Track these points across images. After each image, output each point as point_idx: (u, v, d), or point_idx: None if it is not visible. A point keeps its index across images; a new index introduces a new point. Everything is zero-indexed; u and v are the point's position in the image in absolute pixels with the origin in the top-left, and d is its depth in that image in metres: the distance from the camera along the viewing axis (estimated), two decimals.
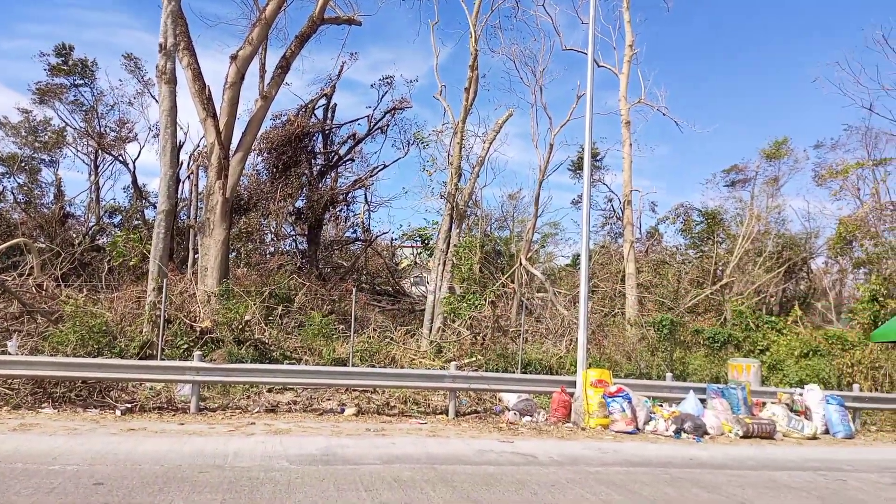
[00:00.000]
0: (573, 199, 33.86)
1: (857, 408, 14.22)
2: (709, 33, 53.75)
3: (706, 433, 12.04)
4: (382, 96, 22.48)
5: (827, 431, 13.23)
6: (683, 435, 11.85)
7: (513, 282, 21.83)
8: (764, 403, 13.47)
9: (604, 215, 32.69)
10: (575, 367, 13.28)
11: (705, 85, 54.37)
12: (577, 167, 30.62)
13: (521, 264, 21.85)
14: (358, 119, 22.87)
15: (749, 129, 53.22)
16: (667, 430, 12.01)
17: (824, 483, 8.84)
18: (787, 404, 13.30)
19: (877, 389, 16.55)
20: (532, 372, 14.93)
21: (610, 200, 31.82)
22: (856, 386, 15.49)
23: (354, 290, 14.65)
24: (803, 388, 14.20)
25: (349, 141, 22.66)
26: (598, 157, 31.00)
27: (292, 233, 22.60)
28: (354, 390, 12.98)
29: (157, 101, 15.69)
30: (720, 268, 25.96)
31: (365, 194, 23.35)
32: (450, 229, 17.42)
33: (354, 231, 24.30)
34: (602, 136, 50.87)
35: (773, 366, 17.36)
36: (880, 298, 19.75)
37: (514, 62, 24.05)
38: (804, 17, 52.81)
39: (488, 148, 18.93)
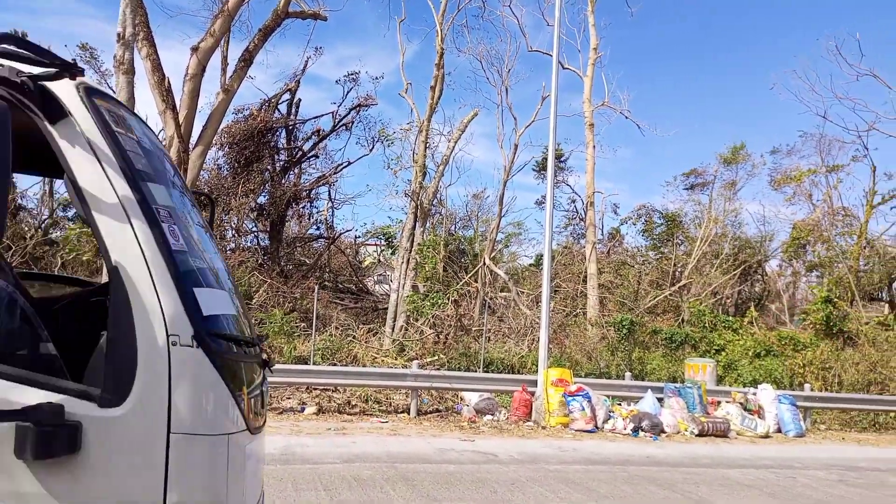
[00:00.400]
0: (537, 200, 34.13)
1: (807, 407, 14.64)
2: (672, 39, 54.75)
3: (663, 431, 12.26)
4: (347, 92, 22.32)
5: (779, 430, 13.59)
6: (641, 433, 12.04)
7: (476, 281, 21.90)
8: (719, 402, 13.78)
9: (567, 216, 33.01)
10: (536, 366, 13.39)
11: (667, 90, 55.41)
12: (541, 168, 30.85)
13: (484, 264, 21.92)
14: (322, 115, 22.65)
15: (709, 133, 54.38)
16: (625, 429, 12.19)
17: (776, 480, 9.08)
18: (741, 403, 13.62)
19: (827, 389, 17.07)
20: (494, 371, 15.00)
21: (573, 201, 32.16)
22: (807, 386, 15.96)
23: (317, 287, 14.50)
24: (757, 387, 14.57)
25: (313, 137, 22.41)
26: (561, 159, 31.29)
27: (254, 229, 22.27)
28: (315, 389, 12.85)
29: (114, 91, 15.27)
30: (679, 269, 26.42)
31: (329, 191, 23.13)
32: (414, 228, 17.38)
33: (318, 228, 24.05)
34: (566, 137, 51.41)
35: (729, 365, 17.78)
36: (833, 300, 20.39)
37: (480, 62, 24.19)
38: (764, 25, 54.21)
39: (453, 147, 18.95)
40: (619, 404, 13.35)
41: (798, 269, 29.99)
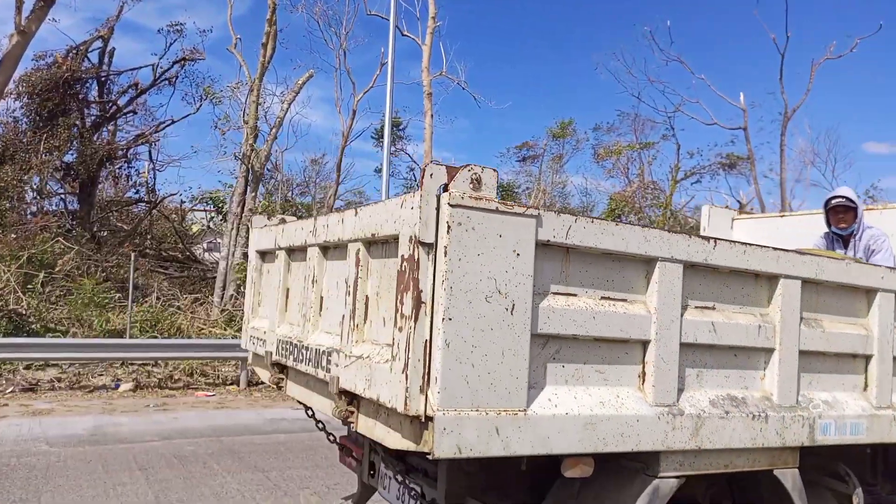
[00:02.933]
0: (376, 168, 34.05)
1: None
2: (507, 13, 56.69)
3: None
4: (171, 44, 20.49)
5: None
6: None
7: None
8: None
9: (406, 184, 33.32)
10: None
11: (502, 63, 57.44)
12: (379, 135, 30.72)
13: None
14: (141, 67, 20.65)
15: (540, 108, 57.34)
16: None
17: None
18: None
19: None
20: None
21: (412, 170, 32.50)
22: None
23: (133, 255, 13.33)
24: None
25: (130, 91, 20.40)
26: (400, 127, 31.38)
27: (60, 191, 19.95)
28: (132, 364, 11.89)
29: None
30: None
31: (150, 151, 21.25)
32: (245, 192, 16.52)
33: (137, 192, 22.07)
34: (405, 105, 51.52)
35: None
36: None
37: (317, 22, 23.35)
38: (595, 7, 57.75)
39: (287, 108, 18.18)
40: None
41: None
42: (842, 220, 4.62)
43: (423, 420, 2.17)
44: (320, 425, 4.13)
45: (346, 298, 2.75)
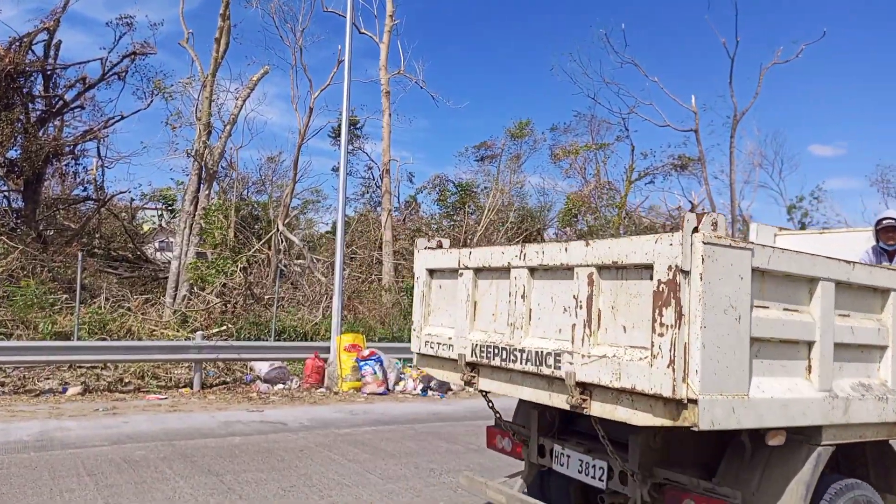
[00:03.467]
0: (334, 166, 33.67)
1: None
2: (465, 14, 56.87)
3: (450, 389, 12.94)
4: (120, 38, 19.87)
5: None
6: (430, 392, 12.60)
7: (270, 248, 21.14)
8: None
9: (364, 184, 33.13)
10: (330, 333, 13.33)
11: (460, 63, 57.58)
12: (337, 134, 30.43)
13: (278, 230, 21.22)
14: (90, 61, 19.98)
15: (499, 108, 57.69)
16: (415, 389, 12.65)
17: None
18: None
19: None
20: (287, 339, 14.66)
21: (370, 169, 32.30)
22: None
23: (81, 254, 12.92)
24: None
25: (78, 85, 19.74)
26: (357, 126, 31.16)
27: (3, 188, 19.20)
28: (80, 367, 11.55)
29: None
30: (469, 236, 27.87)
31: (98, 148, 20.57)
32: (198, 190, 16.17)
33: (85, 189, 21.35)
34: (363, 104, 51.01)
35: None
36: None
37: (272, 18, 22.96)
38: (552, 7, 58.38)
39: (241, 105, 17.87)
40: (411, 366, 13.81)
41: (571, 237, 33.20)
42: (890, 237, 5.52)
43: (684, 402, 2.91)
44: (498, 414, 4.89)
45: (575, 311, 3.48)
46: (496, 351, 4.01)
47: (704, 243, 2.91)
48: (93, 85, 19.51)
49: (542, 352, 3.65)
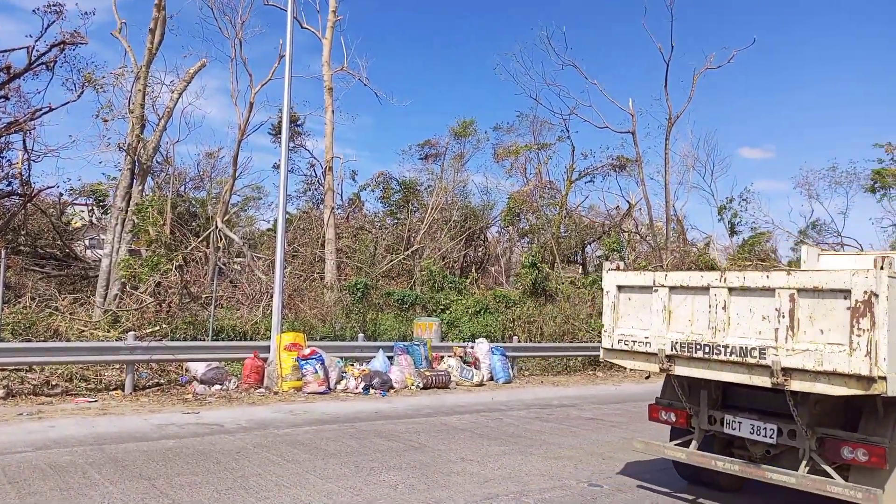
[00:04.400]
0: (275, 163, 33.14)
1: (515, 356, 16.59)
2: (408, 10, 56.77)
3: (392, 387, 12.92)
4: (49, 26, 18.95)
5: (492, 378, 15.19)
6: (371, 391, 12.54)
7: (208, 245, 20.62)
8: (442, 357, 14.93)
9: (306, 181, 32.69)
10: (270, 332, 13.11)
11: (404, 60, 57.46)
12: (278, 130, 29.91)
13: (217, 227, 20.71)
14: (14, 49, 19.02)
15: (444, 106, 57.88)
16: (356, 388, 12.58)
17: (485, 422, 10.15)
18: (460, 357, 14.93)
19: (531, 340, 19.49)
20: (225, 339, 14.33)
21: (312, 166, 31.89)
22: (515, 338, 18.06)
23: (5, 252, 12.29)
24: (475, 341, 16.07)
25: (2, 74, 18.76)
26: (299, 122, 30.74)
27: None
28: (3, 370, 11.00)
29: None
30: (413, 234, 27.86)
31: (24, 140, 19.60)
32: (130, 185, 15.61)
33: (10, 183, 20.32)
34: (305, 100, 50.41)
35: (452, 323, 19.31)
36: (538, 263, 23.24)
37: (211, 9, 22.34)
38: (495, 8, 58.87)
39: (177, 98, 17.34)
40: (353, 365, 13.73)
41: (513, 236, 33.59)
42: None
43: (875, 379, 4.55)
44: (680, 392, 6.23)
45: (777, 318, 5.09)
46: (698, 347, 5.61)
47: (889, 276, 4.62)
48: (18, 74, 18.58)
49: (745, 347, 5.27)
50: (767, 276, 5.25)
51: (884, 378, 4.57)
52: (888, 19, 55.35)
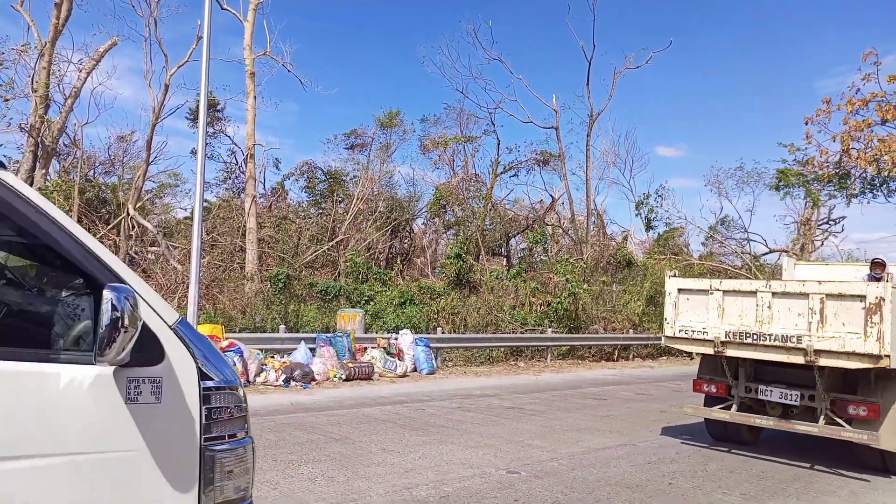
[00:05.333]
0: (192, 149, 31.91)
1: (439, 347, 16.67)
2: None
3: (314, 380, 12.72)
4: None
5: (415, 369, 15.21)
6: (292, 383, 12.31)
7: (119, 233, 19.67)
8: (366, 348, 14.81)
9: (226, 168, 31.67)
10: None
11: (330, 47, 56.51)
12: (196, 114, 28.82)
13: (129, 214, 19.78)
14: None
15: (370, 96, 57.30)
16: (277, 380, 12.31)
17: (408, 412, 10.15)
18: (384, 348, 14.86)
19: (455, 331, 19.65)
20: None
21: (233, 153, 30.92)
22: (439, 329, 18.15)
23: None
24: (399, 332, 16.04)
25: None
26: (219, 107, 29.71)
27: None
28: None
29: None
30: (337, 225, 27.50)
31: None
32: (33, 168, 14.67)
33: None
34: (226, 84, 48.74)
35: (377, 314, 19.23)
36: (463, 255, 23.43)
37: None
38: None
39: (86, 77, 16.43)
40: (273, 357, 13.42)
41: (439, 227, 33.74)
42: (877, 269, 9.07)
43: (882, 356, 6.55)
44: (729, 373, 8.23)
45: (810, 314, 7.01)
46: (747, 335, 7.52)
47: (892, 287, 6.71)
48: None
49: (786, 335, 7.24)
50: (804, 285, 7.36)
51: (888, 356, 6.64)
52: (784, 28, 58.88)
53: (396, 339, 15.52)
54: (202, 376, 2.35)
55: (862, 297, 6.80)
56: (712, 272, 27.29)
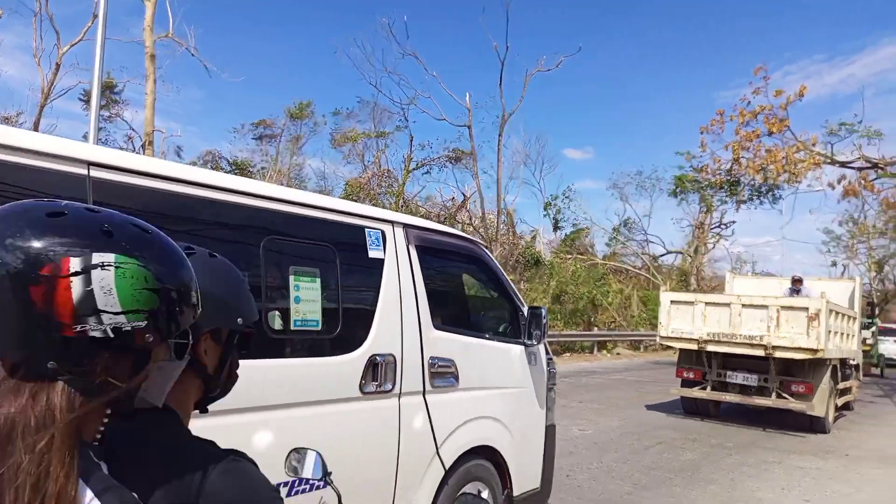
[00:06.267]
0: (85, 133, 29.91)
1: None
2: None
3: None
4: None
5: None
6: None
7: None
8: None
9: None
10: None
11: (239, 33, 54.55)
12: (89, 96, 27.05)
13: None
14: None
15: (281, 86, 55.74)
16: None
17: None
18: None
19: None
20: None
21: (130, 139, 29.16)
22: None
23: None
24: None
25: None
26: (116, 90, 27.99)
27: None
28: None
29: None
30: None
31: None
32: None
33: None
34: (124, 65, 45.91)
35: None
36: None
37: None
38: None
39: None
40: None
41: None
42: (796, 283, 12.05)
43: (819, 350, 9.46)
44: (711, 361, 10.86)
45: (769, 320, 9.83)
46: (723, 335, 10.12)
47: (826, 302, 9.61)
48: None
49: (751, 335, 9.82)
50: (765, 299, 10.20)
51: (822, 349, 9.28)
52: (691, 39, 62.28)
53: None
54: (546, 351, 4.60)
55: (805, 309, 9.62)
56: (614, 272, 28.43)
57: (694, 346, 10.39)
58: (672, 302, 10.79)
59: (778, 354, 9.66)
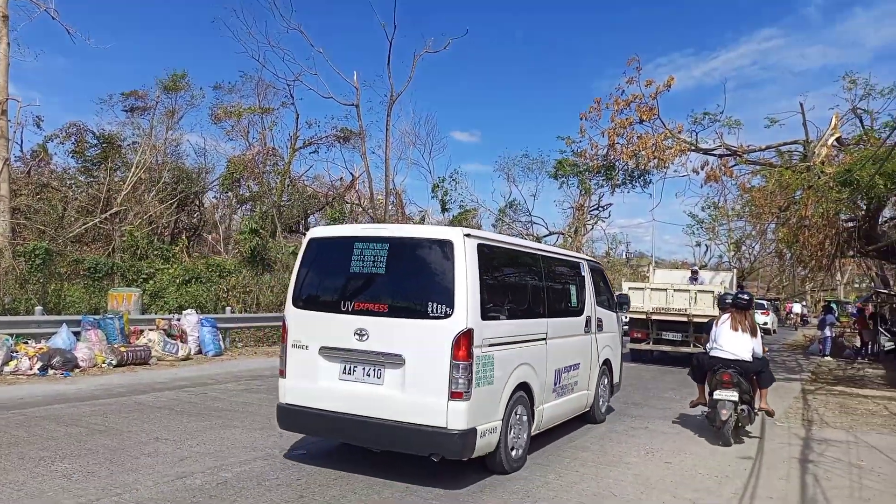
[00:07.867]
0: None
1: (227, 328, 15.85)
2: None
3: (77, 366, 11.38)
4: None
5: (201, 351, 14.31)
6: (51, 371, 10.92)
7: None
8: (142, 331, 13.58)
9: None
10: None
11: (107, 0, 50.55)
12: None
13: None
14: None
15: (155, 55, 52.29)
16: (31, 369, 10.84)
17: (188, 398, 9.51)
18: (164, 329, 13.74)
19: (247, 311, 18.83)
20: None
21: None
22: (228, 308, 17.26)
23: None
24: (182, 313, 14.95)
25: None
26: None
27: None
28: None
29: None
30: (113, 195, 24.77)
31: None
32: None
33: None
34: None
35: (156, 293, 17.74)
36: (259, 231, 22.43)
37: None
38: None
39: None
40: (27, 342, 11.78)
41: (232, 202, 31.98)
42: (694, 275, 18.98)
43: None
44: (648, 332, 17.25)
45: (689, 299, 16.48)
46: (664, 310, 16.62)
47: (721, 288, 16.41)
48: None
49: (679, 308, 16.45)
50: (687, 286, 17.09)
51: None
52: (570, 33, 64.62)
53: (179, 319, 14.45)
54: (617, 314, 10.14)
55: (711, 292, 15.95)
56: None
57: (643, 316, 16.69)
58: (630, 288, 17.45)
59: (696, 320, 15.72)
